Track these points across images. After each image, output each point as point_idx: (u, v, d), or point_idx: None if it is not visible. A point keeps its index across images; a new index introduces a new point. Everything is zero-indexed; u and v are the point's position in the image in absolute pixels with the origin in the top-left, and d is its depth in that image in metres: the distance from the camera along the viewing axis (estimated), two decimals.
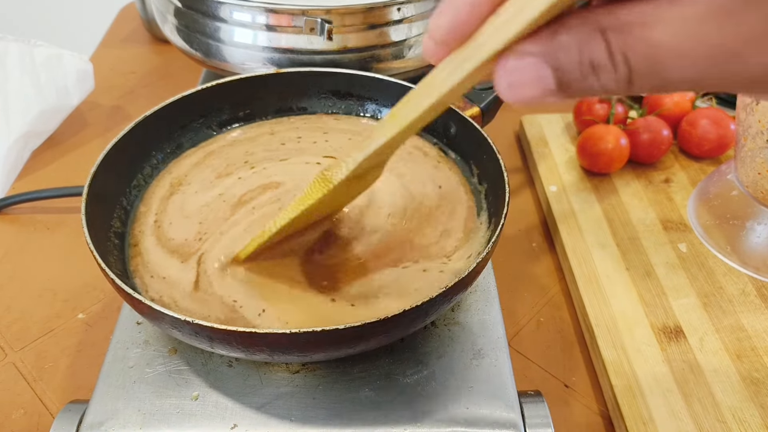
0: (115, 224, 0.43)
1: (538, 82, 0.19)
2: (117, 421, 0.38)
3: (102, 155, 0.43)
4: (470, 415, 0.39)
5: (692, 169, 0.65)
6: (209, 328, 0.32)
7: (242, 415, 0.39)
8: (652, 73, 0.18)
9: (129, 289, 0.34)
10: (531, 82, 0.20)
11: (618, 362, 0.47)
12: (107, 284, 0.36)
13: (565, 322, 0.53)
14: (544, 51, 0.19)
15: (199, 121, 0.52)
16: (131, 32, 0.96)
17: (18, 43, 0.69)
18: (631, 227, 0.58)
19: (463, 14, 0.21)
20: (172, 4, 0.57)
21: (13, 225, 0.62)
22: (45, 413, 0.46)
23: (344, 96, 0.54)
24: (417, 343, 0.42)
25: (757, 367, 0.46)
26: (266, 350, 0.33)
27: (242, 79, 0.51)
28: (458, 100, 0.52)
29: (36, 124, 0.69)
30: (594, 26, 0.18)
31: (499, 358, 0.42)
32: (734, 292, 0.52)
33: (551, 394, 0.47)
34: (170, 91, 0.50)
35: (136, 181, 0.47)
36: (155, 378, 0.40)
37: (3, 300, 0.54)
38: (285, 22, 0.52)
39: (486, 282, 0.47)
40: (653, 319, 0.50)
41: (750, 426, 0.43)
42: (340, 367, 0.41)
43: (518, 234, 0.61)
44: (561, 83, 0.19)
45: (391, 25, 0.54)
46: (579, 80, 0.19)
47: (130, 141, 0.45)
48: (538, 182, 0.66)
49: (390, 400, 0.39)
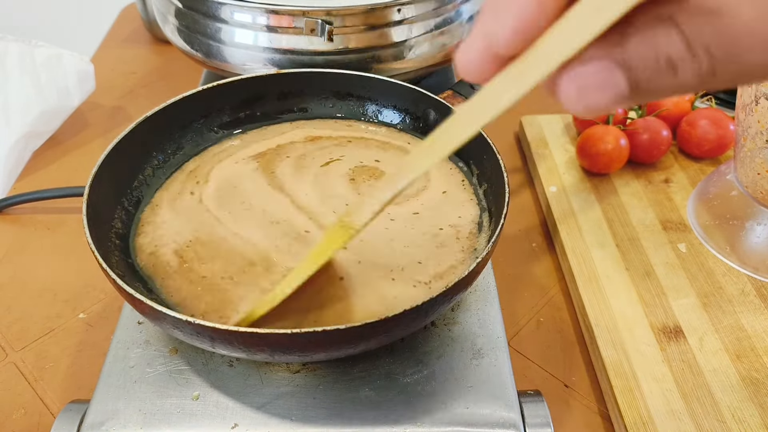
0: (116, 225, 0.44)
1: (610, 87, 0.18)
2: (118, 421, 0.38)
3: (103, 155, 0.43)
4: (470, 414, 0.39)
5: (692, 170, 0.65)
6: (211, 328, 0.32)
7: (243, 415, 0.39)
8: (735, 61, 0.17)
9: (131, 289, 0.34)
10: (602, 87, 0.18)
11: (618, 362, 0.47)
12: (108, 284, 0.36)
13: (565, 322, 0.53)
14: (613, 53, 0.18)
15: (200, 122, 0.52)
16: (132, 33, 0.96)
17: (18, 44, 0.69)
18: (631, 227, 0.58)
19: (530, 16, 0.18)
20: (172, 5, 0.57)
21: (13, 225, 0.62)
22: (46, 413, 0.46)
23: (344, 97, 0.54)
24: (417, 343, 0.43)
25: (756, 367, 0.46)
26: (267, 350, 0.33)
27: (243, 79, 0.51)
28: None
29: (37, 124, 0.69)
30: (665, 20, 0.17)
31: (498, 358, 0.42)
32: (734, 292, 0.52)
33: (551, 394, 0.47)
34: (171, 92, 0.50)
35: (137, 182, 0.47)
36: (156, 378, 0.40)
37: (4, 300, 0.54)
38: (285, 23, 0.52)
39: (486, 282, 0.47)
40: (653, 319, 0.50)
41: (749, 426, 0.43)
42: (341, 366, 0.41)
43: (518, 234, 0.61)
44: (635, 85, 0.18)
45: (391, 26, 0.54)
46: (654, 80, 0.18)
47: (131, 141, 0.46)
48: (537, 183, 0.66)
49: (390, 399, 0.39)
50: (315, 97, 0.54)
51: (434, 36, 0.57)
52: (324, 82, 0.53)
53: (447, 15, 0.57)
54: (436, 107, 0.51)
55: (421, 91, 0.51)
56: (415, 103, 0.52)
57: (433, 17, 0.56)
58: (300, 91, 0.54)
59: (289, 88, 0.53)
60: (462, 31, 0.59)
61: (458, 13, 0.58)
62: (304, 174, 0.49)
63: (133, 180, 0.47)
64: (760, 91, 0.48)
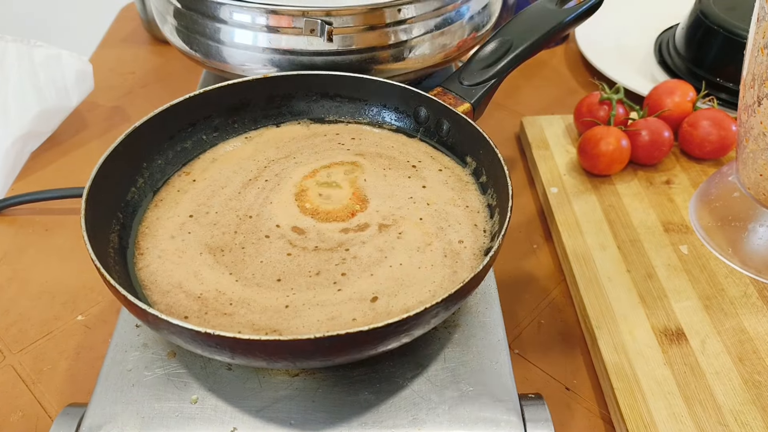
0: (115, 228, 0.43)
1: None
2: (115, 425, 0.38)
3: (103, 157, 0.43)
4: (471, 417, 0.38)
5: (693, 171, 0.64)
6: (231, 339, 0.31)
7: (241, 419, 0.38)
8: None
9: (132, 296, 0.34)
10: None
11: (619, 365, 0.46)
12: (106, 286, 0.35)
13: (566, 324, 0.53)
14: None
15: (203, 123, 0.51)
16: (131, 33, 0.95)
17: (17, 44, 0.69)
18: (632, 229, 0.58)
19: None
20: (171, 5, 0.57)
21: (11, 226, 0.61)
22: (43, 416, 0.45)
23: (334, 97, 0.54)
24: (417, 346, 0.42)
25: (759, 369, 0.46)
26: (290, 358, 0.33)
27: (252, 80, 0.52)
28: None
29: (35, 124, 0.69)
30: None
31: (499, 361, 0.42)
32: (736, 294, 0.52)
33: (552, 397, 0.47)
34: (170, 92, 0.50)
35: (138, 184, 0.47)
36: (154, 381, 0.40)
37: (1, 302, 0.54)
38: (285, 23, 0.52)
39: (486, 284, 0.47)
40: (654, 321, 0.50)
41: (752, 429, 0.42)
42: (340, 370, 0.41)
43: (519, 235, 0.61)
44: None
45: (391, 26, 0.54)
46: None
47: (131, 143, 0.45)
48: (538, 184, 0.65)
49: (390, 403, 0.39)
50: (304, 99, 0.54)
51: (434, 36, 0.56)
52: (312, 83, 0.53)
53: (447, 15, 0.56)
54: (427, 104, 0.51)
55: (411, 88, 0.51)
56: (406, 100, 0.52)
57: (433, 17, 0.56)
58: (291, 94, 0.54)
59: (281, 91, 0.54)
60: (463, 31, 0.58)
61: (458, 13, 0.57)
62: (301, 172, 0.49)
63: (133, 183, 0.46)
64: (763, 92, 0.48)
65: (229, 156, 0.51)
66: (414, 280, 0.41)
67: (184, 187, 0.48)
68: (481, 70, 0.53)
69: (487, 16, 0.62)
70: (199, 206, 0.46)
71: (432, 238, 0.44)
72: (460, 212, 0.46)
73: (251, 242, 0.43)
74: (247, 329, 0.37)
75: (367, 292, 0.40)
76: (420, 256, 0.42)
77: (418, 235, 0.44)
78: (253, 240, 0.43)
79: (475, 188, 0.48)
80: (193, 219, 0.45)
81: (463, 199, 0.47)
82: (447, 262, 0.42)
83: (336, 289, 0.40)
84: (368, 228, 0.44)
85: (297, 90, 0.54)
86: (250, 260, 0.42)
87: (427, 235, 0.44)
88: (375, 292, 0.40)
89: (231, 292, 0.40)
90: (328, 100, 0.55)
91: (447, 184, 0.48)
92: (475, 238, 0.44)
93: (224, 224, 0.45)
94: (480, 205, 0.47)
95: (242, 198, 0.47)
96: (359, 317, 0.38)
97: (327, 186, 0.48)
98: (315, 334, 0.31)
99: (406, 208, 0.46)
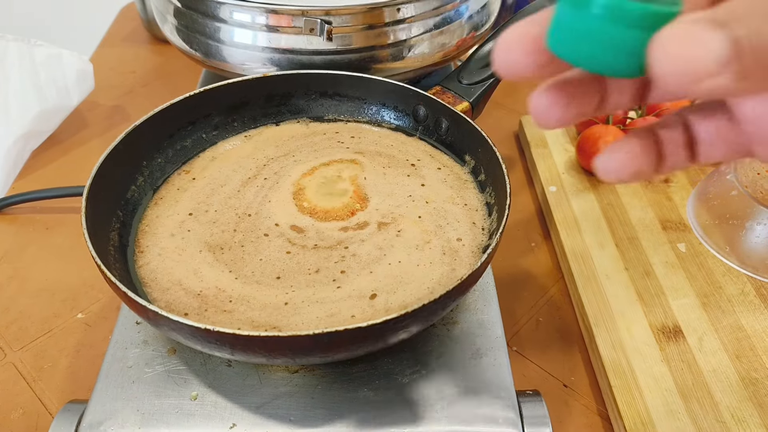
0: (115, 226, 0.43)
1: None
2: (116, 421, 0.38)
3: (104, 156, 0.43)
4: (469, 414, 0.39)
5: (691, 169, 0.65)
6: (231, 335, 0.32)
7: (241, 415, 0.39)
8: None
9: (132, 293, 0.34)
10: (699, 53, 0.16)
11: (617, 362, 0.47)
12: (106, 284, 0.36)
13: (564, 321, 0.53)
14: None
15: (203, 122, 0.52)
16: (131, 32, 0.96)
17: (17, 43, 0.69)
18: (630, 227, 0.58)
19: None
20: (171, 5, 0.57)
21: (12, 225, 0.62)
22: (44, 413, 0.46)
23: (333, 96, 0.55)
24: (416, 343, 0.42)
25: (755, 366, 0.46)
26: (289, 354, 0.33)
27: (252, 79, 0.52)
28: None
29: (36, 123, 0.69)
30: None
31: (497, 358, 0.42)
32: (733, 292, 0.52)
33: (550, 394, 0.47)
34: (170, 91, 0.50)
35: (138, 182, 0.47)
36: (154, 378, 0.40)
37: (2, 300, 0.54)
38: (285, 22, 0.52)
39: (485, 282, 0.47)
40: (652, 319, 0.50)
41: (749, 426, 0.43)
42: (339, 367, 0.41)
43: (517, 234, 0.61)
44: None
45: (391, 25, 0.54)
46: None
47: (131, 142, 0.46)
48: (537, 182, 0.66)
49: (389, 399, 0.39)
50: (304, 98, 0.55)
51: (434, 36, 0.57)
52: (312, 82, 0.54)
53: (446, 14, 0.57)
54: (426, 103, 0.51)
55: (410, 87, 0.51)
56: (405, 99, 0.53)
57: (432, 17, 0.56)
58: (291, 93, 0.54)
59: (281, 90, 0.54)
60: (462, 30, 0.59)
61: (458, 13, 0.58)
62: (297, 173, 0.49)
63: (133, 181, 0.47)
64: None
65: (229, 154, 0.51)
66: (413, 277, 0.41)
67: (184, 186, 0.48)
68: (480, 69, 0.54)
69: (486, 16, 0.62)
70: (198, 204, 0.46)
71: (431, 235, 0.44)
72: (459, 210, 0.46)
73: (250, 240, 0.43)
74: (246, 326, 0.37)
75: (366, 289, 0.40)
76: (419, 254, 0.42)
77: (417, 233, 0.44)
78: (252, 238, 0.44)
79: (473, 186, 0.48)
80: (193, 217, 0.45)
81: (461, 198, 0.47)
82: (445, 259, 0.42)
83: (335, 287, 0.40)
84: (368, 226, 0.44)
85: (296, 89, 0.54)
86: (249, 258, 0.42)
87: (425, 233, 0.44)
88: (374, 289, 0.40)
89: (230, 289, 0.40)
90: (328, 99, 0.55)
91: (446, 183, 0.49)
92: (473, 235, 0.44)
93: (224, 222, 0.45)
94: (478, 203, 0.47)
95: (241, 196, 0.47)
96: (358, 314, 0.38)
97: (326, 184, 0.48)
98: (314, 330, 0.31)
99: (405, 206, 0.46)
